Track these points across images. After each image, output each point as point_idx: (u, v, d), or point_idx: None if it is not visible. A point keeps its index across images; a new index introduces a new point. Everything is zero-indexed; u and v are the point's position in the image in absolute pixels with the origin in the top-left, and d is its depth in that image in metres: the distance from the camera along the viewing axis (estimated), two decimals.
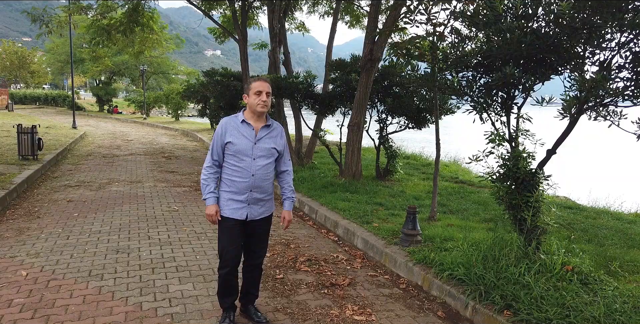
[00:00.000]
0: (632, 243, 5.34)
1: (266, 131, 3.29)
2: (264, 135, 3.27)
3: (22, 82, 59.24)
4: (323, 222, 6.55)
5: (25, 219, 6.23)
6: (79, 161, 12.02)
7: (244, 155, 3.19)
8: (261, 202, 3.32)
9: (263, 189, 3.28)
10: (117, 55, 35.38)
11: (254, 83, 3.22)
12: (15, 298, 3.78)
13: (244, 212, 3.25)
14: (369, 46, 7.75)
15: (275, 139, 3.32)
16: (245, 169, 3.20)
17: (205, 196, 3.26)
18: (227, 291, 3.38)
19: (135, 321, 3.46)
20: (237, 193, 3.23)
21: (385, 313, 3.78)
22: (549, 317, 3.22)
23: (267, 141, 3.27)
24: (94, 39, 14.46)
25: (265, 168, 3.25)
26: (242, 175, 3.20)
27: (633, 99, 3.62)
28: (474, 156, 4.53)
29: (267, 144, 3.26)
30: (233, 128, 3.23)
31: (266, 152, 3.25)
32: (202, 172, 3.31)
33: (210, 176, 3.27)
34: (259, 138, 3.24)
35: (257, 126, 3.26)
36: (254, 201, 3.27)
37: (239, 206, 3.24)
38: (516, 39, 3.66)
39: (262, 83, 3.21)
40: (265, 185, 3.29)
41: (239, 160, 3.19)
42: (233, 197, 3.24)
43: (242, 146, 3.19)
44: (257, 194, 3.26)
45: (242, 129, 3.24)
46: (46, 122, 23.40)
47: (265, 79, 3.31)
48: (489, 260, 4.12)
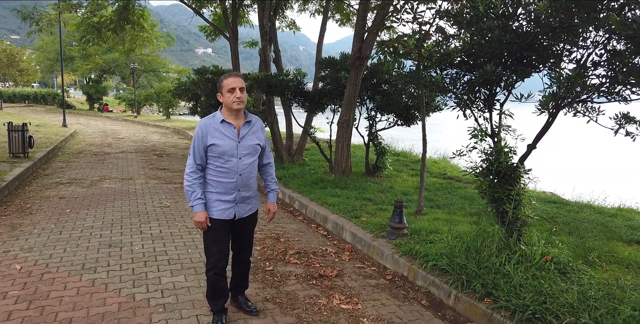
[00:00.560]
0: (612, 235, 5.51)
1: (248, 128, 3.20)
2: (246, 132, 3.18)
3: (11, 81, 58.72)
4: (313, 217, 6.68)
5: (17, 215, 6.29)
6: (70, 159, 12.04)
7: (229, 155, 3.11)
8: (248, 200, 3.30)
9: (250, 187, 3.25)
10: (108, 53, 35.20)
11: (225, 80, 3.09)
12: (10, 290, 3.87)
13: (232, 212, 3.22)
14: (357, 44, 7.88)
15: (257, 134, 3.25)
16: (232, 170, 3.13)
17: (192, 202, 3.13)
18: (217, 293, 3.30)
19: (128, 311, 3.56)
20: (224, 194, 3.16)
21: (371, 302, 3.91)
22: (526, 303, 3.36)
23: (251, 138, 3.20)
24: (84, 37, 14.45)
25: (251, 166, 3.22)
26: (229, 175, 3.14)
27: (607, 95, 3.78)
28: (457, 151, 4.68)
29: (251, 141, 3.19)
30: (214, 129, 3.11)
31: (251, 150, 3.19)
32: (186, 178, 3.16)
33: (195, 182, 3.14)
34: (242, 136, 3.16)
35: (238, 124, 3.16)
36: (241, 200, 3.24)
37: (227, 206, 3.19)
38: (496, 38, 3.80)
39: (234, 79, 3.07)
40: (252, 183, 3.26)
41: (224, 161, 3.11)
42: (220, 198, 3.17)
43: (227, 146, 3.09)
44: (244, 193, 3.23)
45: (223, 129, 3.12)
46: (36, 121, 23.27)
47: (236, 74, 3.17)
48: (471, 251, 4.27)
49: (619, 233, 5.58)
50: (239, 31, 13.18)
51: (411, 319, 3.63)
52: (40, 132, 17.19)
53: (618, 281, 3.89)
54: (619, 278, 3.99)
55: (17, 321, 3.34)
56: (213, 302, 3.33)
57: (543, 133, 4.37)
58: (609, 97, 3.76)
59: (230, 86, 3.05)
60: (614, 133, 4.04)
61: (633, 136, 3.98)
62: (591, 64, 3.81)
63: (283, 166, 10.02)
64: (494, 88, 4.47)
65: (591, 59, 3.83)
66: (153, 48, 29.44)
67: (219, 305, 3.33)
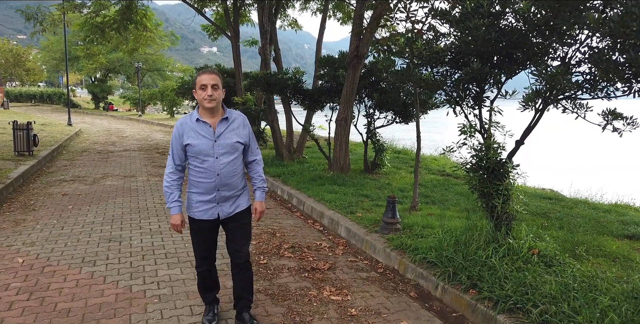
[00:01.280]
0: (603, 230, 5.59)
1: (225, 125, 3.06)
2: (223, 130, 3.04)
3: (18, 80, 59.16)
4: (310, 213, 6.79)
5: (21, 211, 6.45)
6: (74, 157, 12.22)
7: (205, 155, 3.00)
8: (232, 199, 3.17)
9: (231, 186, 3.12)
10: (112, 53, 35.42)
11: (198, 77, 2.98)
12: (12, 282, 4.01)
13: (214, 212, 3.12)
14: (355, 43, 7.97)
15: (237, 131, 3.09)
16: (209, 170, 3.02)
17: (169, 204, 3.10)
18: (207, 285, 3.34)
19: (125, 301, 3.70)
20: (204, 194, 3.08)
21: (360, 293, 4.02)
22: (508, 294, 3.47)
23: (229, 135, 3.05)
24: (88, 37, 14.64)
25: (231, 165, 3.07)
26: (207, 176, 3.03)
27: (590, 92, 3.86)
28: (447, 147, 4.78)
29: (229, 139, 3.05)
30: (189, 129, 3.02)
31: (229, 148, 3.05)
32: (165, 178, 3.13)
33: (173, 183, 3.11)
34: (219, 134, 3.02)
35: (214, 122, 3.03)
36: (223, 199, 3.12)
37: (209, 206, 3.11)
38: (482, 36, 3.89)
39: (206, 76, 2.94)
40: (233, 182, 3.11)
41: (201, 161, 3.01)
42: (201, 199, 3.09)
43: (202, 146, 2.99)
44: (225, 192, 3.11)
45: (198, 129, 3.01)
46: (42, 120, 23.53)
47: (210, 71, 3.01)
48: (460, 244, 4.37)
49: (610, 228, 5.66)
50: (241, 30, 13.31)
51: (398, 310, 3.74)
52: (45, 131, 17.41)
53: (603, 273, 3.98)
54: (605, 271, 4.08)
55: (18, 311, 3.48)
56: (204, 294, 3.38)
57: (531, 129, 4.46)
58: (592, 94, 3.84)
59: (202, 82, 2.93)
60: (602, 129, 4.12)
61: (620, 131, 4.06)
62: (575, 61, 3.90)
63: (283, 163, 10.14)
64: (483, 85, 4.57)
65: (575, 57, 3.92)
66: (157, 47, 29.67)
67: (210, 297, 3.39)
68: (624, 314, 3.00)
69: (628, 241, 5.24)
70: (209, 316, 3.34)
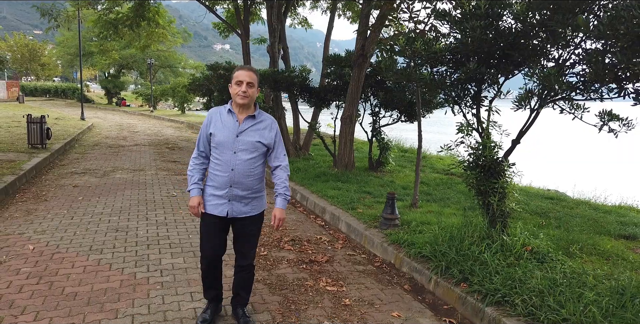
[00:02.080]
0: (600, 230, 5.66)
1: (251, 123, 3.07)
2: (247, 127, 3.05)
3: (33, 75, 60.06)
4: (312, 208, 6.93)
5: (33, 201, 6.67)
6: (86, 151, 12.49)
7: (224, 148, 3.02)
8: (245, 200, 3.11)
9: (245, 186, 3.06)
10: (125, 49, 35.86)
11: (236, 72, 3.03)
12: (22, 267, 4.21)
13: (224, 209, 3.08)
14: (360, 42, 8.08)
15: (262, 132, 3.08)
16: (225, 163, 3.02)
17: (189, 187, 3.14)
18: (208, 283, 3.31)
19: (129, 287, 3.87)
20: (217, 188, 3.07)
21: (356, 285, 4.15)
22: (497, 288, 3.58)
23: (252, 134, 3.05)
24: (102, 33, 14.91)
25: (248, 163, 3.03)
26: (222, 169, 3.03)
27: (583, 93, 3.95)
28: (445, 145, 4.89)
29: (251, 137, 3.04)
30: (217, 118, 3.08)
31: (249, 146, 3.03)
32: (189, 163, 3.21)
33: (196, 167, 3.16)
34: (242, 130, 3.03)
35: (241, 117, 3.06)
36: (235, 198, 3.07)
37: (220, 201, 3.08)
38: (478, 37, 4.00)
39: (244, 72, 2.99)
40: (248, 182, 3.06)
41: (220, 153, 3.03)
42: (214, 193, 3.09)
43: (223, 137, 3.01)
44: (238, 191, 3.06)
45: (225, 120, 3.06)
46: (55, 114, 23.95)
47: (249, 68, 3.06)
48: (454, 240, 4.48)
49: (608, 228, 5.72)
50: (252, 28, 13.46)
51: (391, 301, 3.87)
52: (59, 125, 17.75)
53: (594, 270, 4.07)
54: (596, 268, 4.17)
55: (28, 294, 3.67)
56: (206, 290, 3.36)
57: (527, 129, 4.55)
58: (585, 95, 3.93)
59: (238, 78, 2.98)
60: (598, 130, 4.20)
61: (616, 132, 4.14)
62: (569, 63, 3.99)
63: (289, 160, 10.28)
64: (481, 85, 4.67)
65: (569, 58, 4.01)
66: (170, 44, 29.98)
67: (211, 294, 3.34)
68: (605, 308, 3.10)
69: (624, 241, 5.30)
70: (206, 314, 3.28)
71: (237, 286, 3.35)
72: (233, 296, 3.40)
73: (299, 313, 3.55)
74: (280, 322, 3.39)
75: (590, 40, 3.80)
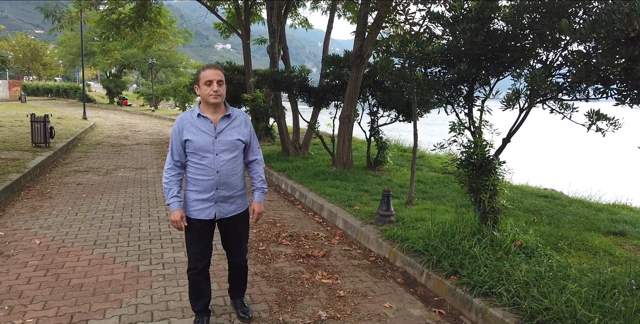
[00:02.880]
0: (591, 227, 5.81)
1: (227, 122, 3.03)
2: (225, 127, 3.01)
3: (35, 74, 60.29)
4: (311, 206, 7.09)
5: (38, 198, 6.84)
6: (89, 149, 12.66)
7: (205, 151, 2.96)
8: (231, 200, 3.11)
9: (231, 186, 3.06)
10: (127, 49, 36.05)
11: (203, 72, 2.94)
12: (30, 261, 4.38)
13: (211, 212, 3.06)
14: (358, 43, 8.24)
15: (238, 128, 3.06)
16: (209, 166, 2.97)
17: (168, 201, 3.03)
18: (196, 293, 3.21)
19: (132, 279, 4.03)
20: (202, 192, 3.02)
21: (350, 278, 4.31)
22: (485, 280, 3.73)
23: (230, 133, 3.03)
24: (104, 33, 15.09)
25: (231, 163, 3.03)
26: (206, 173, 2.98)
27: (570, 93, 4.10)
28: (438, 144, 5.04)
29: (229, 137, 3.02)
30: (190, 124, 2.98)
31: (230, 146, 3.01)
32: (164, 175, 3.07)
33: (172, 179, 3.04)
34: (220, 131, 2.99)
35: (216, 118, 3.00)
36: (221, 199, 3.06)
37: (206, 205, 3.04)
38: (468, 39, 4.15)
39: (212, 71, 2.92)
40: (233, 181, 3.06)
41: (200, 157, 2.96)
42: (199, 197, 3.03)
43: (202, 142, 2.95)
44: (224, 192, 3.05)
45: (199, 124, 2.98)
46: (58, 113, 24.13)
47: (215, 66, 3.00)
48: (446, 235, 4.64)
49: (599, 225, 5.87)
50: (253, 28, 13.63)
51: (384, 293, 4.03)
52: (61, 124, 17.93)
53: (580, 265, 4.22)
54: (583, 262, 4.32)
55: (36, 285, 3.84)
56: (194, 302, 3.24)
57: (517, 128, 4.71)
58: (571, 96, 4.08)
59: (207, 78, 2.90)
60: (587, 129, 4.36)
61: (603, 131, 4.29)
62: (557, 64, 4.14)
63: (288, 159, 10.45)
64: (473, 86, 4.82)
65: (557, 60, 4.17)
66: (171, 44, 30.16)
67: (199, 305, 3.23)
68: (586, 298, 3.26)
69: (613, 237, 5.45)
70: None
71: (233, 280, 3.46)
72: (230, 287, 3.51)
73: (295, 303, 3.71)
74: (277, 312, 3.55)
75: (576, 43, 3.96)
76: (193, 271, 3.15)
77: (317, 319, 3.47)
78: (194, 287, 3.20)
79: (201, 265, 3.14)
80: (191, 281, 3.19)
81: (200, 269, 3.15)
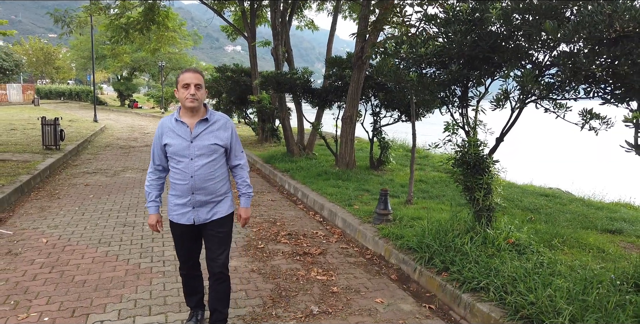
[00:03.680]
0: (589, 225, 5.85)
1: (204, 126, 2.97)
2: (201, 131, 2.96)
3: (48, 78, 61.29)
4: (312, 205, 7.21)
5: (47, 199, 7.05)
6: (98, 151, 12.91)
7: (180, 156, 2.94)
8: (210, 205, 3.05)
9: (208, 191, 3.00)
10: (137, 52, 36.51)
11: (182, 75, 2.91)
12: (36, 258, 4.55)
13: (190, 217, 3.03)
14: (360, 44, 8.35)
15: (216, 133, 3.00)
16: (184, 171, 2.94)
17: (146, 204, 3.12)
18: (189, 290, 3.32)
19: (134, 276, 4.18)
20: (180, 196, 3.01)
21: (345, 275, 4.42)
22: (474, 276, 3.82)
23: (207, 137, 2.96)
24: (113, 37, 15.37)
25: (207, 168, 2.96)
26: (182, 177, 2.96)
27: (559, 93, 4.17)
28: (433, 143, 5.13)
29: (206, 141, 2.95)
30: (168, 129, 2.98)
31: (206, 150, 2.95)
32: (146, 178, 3.13)
33: (152, 183, 3.09)
34: (195, 135, 2.94)
35: (192, 123, 2.96)
36: (199, 204, 3.01)
37: (184, 210, 3.02)
38: (458, 41, 4.24)
39: (190, 74, 2.88)
40: (210, 186, 3.00)
41: (177, 162, 2.96)
42: (178, 202, 3.03)
43: (177, 146, 2.93)
44: (201, 197, 2.99)
45: (176, 129, 2.96)
46: (69, 116, 24.56)
47: (194, 69, 2.96)
48: (440, 233, 4.72)
49: (596, 223, 5.91)
50: (260, 30, 13.79)
51: (377, 289, 4.13)
52: (72, 126, 18.26)
53: (572, 261, 4.29)
54: (575, 259, 4.39)
55: (41, 281, 4.00)
56: (187, 298, 3.35)
57: (509, 128, 4.78)
58: (559, 95, 4.15)
59: (184, 81, 2.86)
60: (580, 128, 4.42)
61: (596, 130, 4.36)
62: (546, 64, 4.22)
63: (292, 159, 10.59)
64: (467, 86, 4.91)
65: (547, 60, 4.24)
66: (180, 46, 30.48)
67: (193, 301, 3.33)
68: (568, 293, 3.33)
69: (609, 235, 5.49)
70: (192, 321, 3.30)
71: (213, 300, 3.18)
72: (210, 314, 3.22)
73: (289, 299, 3.83)
74: (270, 306, 3.67)
75: (564, 44, 4.03)
76: (182, 271, 3.28)
77: (309, 313, 3.58)
78: (186, 285, 3.32)
79: (188, 265, 3.23)
80: (183, 279, 3.31)
81: (188, 268, 3.24)
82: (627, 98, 3.69)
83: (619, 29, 3.22)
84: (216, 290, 3.15)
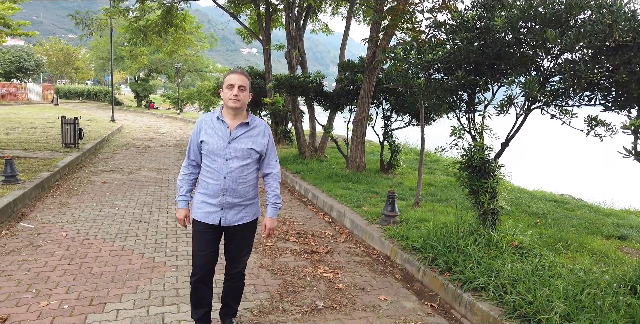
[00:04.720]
0: (594, 230, 5.92)
1: (243, 130, 2.98)
2: (240, 134, 2.97)
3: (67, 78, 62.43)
4: (321, 206, 7.36)
5: (66, 195, 7.30)
6: (115, 150, 13.23)
7: (216, 155, 2.94)
8: (238, 207, 3.03)
9: (238, 194, 2.99)
10: (154, 54, 37.09)
11: (227, 76, 2.96)
12: (56, 251, 4.77)
13: (217, 217, 3.00)
14: (372, 49, 8.50)
15: (254, 138, 3.01)
16: (217, 171, 2.94)
17: (177, 198, 3.11)
18: (196, 301, 3.16)
19: (148, 269, 4.38)
20: (210, 196, 2.99)
21: (350, 273, 4.56)
22: (476, 276, 3.94)
23: (244, 141, 2.97)
24: (132, 39, 15.73)
25: (240, 170, 2.96)
26: (214, 177, 2.95)
27: (563, 100, 4.28)
28: (440, 147, 5.26)
29: (243, 144, 2.96)
30: (208, 126, 2.99)
31: (241, 153, 2.95)
32: (180, 172, 3.14)
33: (185, 177, 3.10)
34: (234, 137, 2.95)
35: (233, 124, 2.97)
36: (228, 206, 2.99)
37: (212, 209, 2.99)
38: (465, 48, 4.37)
39: (235, 76, 2.92)
40: (241, 189, 2.99)
41: (211, 161, 2.95)
42: (206, 200, 3.00)
43: (215, 145, 2.93)
44: (231, 199, 2.98)
45: (216, 127, 2.98)
46: (87, 116, 25.08)
47: (240, 71, 2.99)
48: (445, 235, 4.84)
49: (602, 229, 5.97)
50: (275, 34, 14.02)
51: (381, 287, 4.26)
52: (90, 126, 18.67)
53: (575, 265, 4.37)
54: (577, 263, 4.47)
55: (61, 272, 4.21)
56: (193, 309, 3.21)
57: (515, 133, 4.89)
58: (564, 102, 4.26)
59: (229, 82, 2.91)
60: (586, 135, 4.52)
61: (601, 137, 4.45)
62: (550, 72, 4.32)
63: (304, 161, 10.76)
64: (474, 92, 5.03)
65: (551, 67, 4.35)
66: (197, 49, 30.93)
67: (198, 314, 3.18)
68: (565, 294, 3.44)
69: (614, 241, 5.55)
70: None
71: (226, 295, 3.26)
72: (222, 306, 3.31)
73: (296, 294, 3.99)
74: (278, 301, 3.83)
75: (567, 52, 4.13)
76: (196, 277, 3.09)
77: (314, 308, 3.73)
78: (195, 294, 3.15)
79: (203, 270, 3.07)
80: (192, 287, 3.14)
81: (202, 274, 3.08)
82: (627, 106, 3.78)
83: (618, 39, 3.33)
84: (231, 287, 3.24)
